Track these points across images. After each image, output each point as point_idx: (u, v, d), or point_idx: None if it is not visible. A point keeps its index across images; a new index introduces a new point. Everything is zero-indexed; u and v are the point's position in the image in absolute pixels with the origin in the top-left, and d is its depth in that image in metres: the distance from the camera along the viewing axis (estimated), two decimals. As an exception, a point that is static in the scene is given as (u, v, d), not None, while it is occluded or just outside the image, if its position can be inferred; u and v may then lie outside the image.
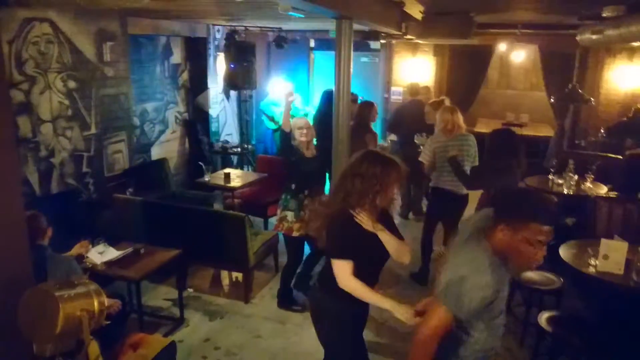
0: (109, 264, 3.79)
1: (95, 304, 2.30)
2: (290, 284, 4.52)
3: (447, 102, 6.00)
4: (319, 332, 2.72)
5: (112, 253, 3.89)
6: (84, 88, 5.16)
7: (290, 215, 4.24)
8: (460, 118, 4.76)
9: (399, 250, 2.51)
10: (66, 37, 4.90)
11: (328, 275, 2.52)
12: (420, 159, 4.85)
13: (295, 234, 4.24)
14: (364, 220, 2.45)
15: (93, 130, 5.33)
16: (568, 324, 3.47)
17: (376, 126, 6.63)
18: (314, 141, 4.38)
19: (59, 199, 4.83)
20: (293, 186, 4.25)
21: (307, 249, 4.55)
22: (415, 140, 5.52)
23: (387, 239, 2.49)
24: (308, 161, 4.23)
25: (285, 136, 4.17)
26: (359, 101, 6.15)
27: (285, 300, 4.50)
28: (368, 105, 5.71)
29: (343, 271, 2.44)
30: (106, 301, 2.36)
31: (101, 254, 3.83)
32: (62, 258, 3.14)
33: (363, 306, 2.61)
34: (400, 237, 2.58)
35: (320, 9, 3.47)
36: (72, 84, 5.01)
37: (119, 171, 5.76)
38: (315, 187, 4.30)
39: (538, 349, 3.59)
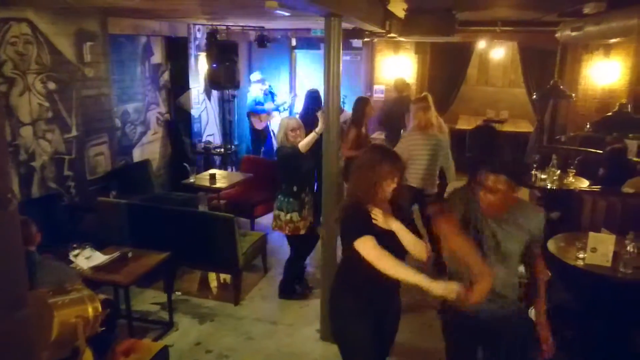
0: (97, 269, 3.71)
1: (90, 310, 2.24)
2: (294, 276, 4.66)
3: (429, 99, 6.04)
4: (332, 329, 2.77)
5: (99, 258, 3.80)
6: (64, 89, 5.05)
7: (295, 216, 4.26)
8: (433, 116, 4.81)
9: (415, 246, 2.50)
10: (45, 37, 4.78)
11: (343, 271, 2.59)
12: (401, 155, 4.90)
13: (302, 232, 4.32)
14: (378, 216, 2.46)
15: (74, 133, 5.21)
16: (557, 316, 3.52)
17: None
18: None
19: (41, 204, 4.71)
20: (295, 188, 4.26)
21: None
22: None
23: (402, 234, 2.48)
24: (306, 159, 4.26)
25: (296, 157, 4.18)
26: (341, 99, 6.12)
27: (287, 291, 4.64)
28: (362, 102, 5.71)
29: (369, 247, 2.35)
30: (100, 307, 2.31)
31: (88, 259, 3.74)
32: (55, 264, 3.06)
33: (375, 301, 2.59)
34: (416, 232, 2.59)
35: (310, 5, 3.46)
36: (52, 86, 4.89)
37: (101, 174, 5.66)
38: (312, 185, 4.45)
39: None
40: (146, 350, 3.12)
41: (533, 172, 5.61)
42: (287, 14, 3.82)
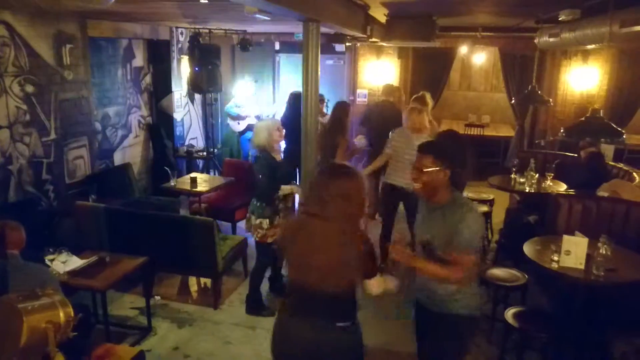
0: (73, 273, 3.67)
1: (61, 315, 2.23)
2: (259, 288, 4.47)
3: (428, 98, 6.10)
4: None
5: (75, 262, 3.77)
6: (43, 92, 5.00)
7: (265, 222, 4.20)
8: (425, 120, 4.89)
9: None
10: (23, 39, 4.74)
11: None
12: (386, 150, 4.97)
13: (269, 240, 4.22)
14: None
15: (52, 136, 5.16)
16: (533, 319, 3.58)
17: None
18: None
19: (18, 208, 4.65)
20: (259, 191, 4.25)
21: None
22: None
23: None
24: (281, 165, 4.24)
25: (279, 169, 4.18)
26: (326, 102, 6.17)
27: (255, 306, 4.46)
28: (342, 106, 5.72)
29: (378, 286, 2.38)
30: (72, 312, 2.29)
31: (64, 264, 3.70)
32: (35, 267, 3.03)
33: None
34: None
35: (287, 11, 3.47)
36: (29, 88, 4.85)
37: (81, 178, 5.61)
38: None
39: (506, 344, 3.68)
40: (122, 355, 3.09)
41: (512, 175, 5.70)
42: (267, 18, 3.82)
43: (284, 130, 4.29)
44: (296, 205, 4.47)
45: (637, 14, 3.38)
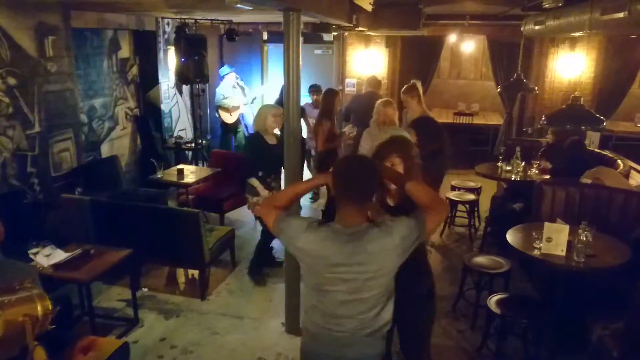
0: (57, 266, 3.67)
1: (39, 308, 2.23)
2: (263, 257, 4.93)
3: (419, 86, 6.08)
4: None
5: (59, 255, 3.76)
6: (26, 84, 4.95)
7: (260, 199, 4.46)
8: (394, 113, 4.84)
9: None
10: (3, 31, 4.68)
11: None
12: (361, 150, 4.96)
13: None
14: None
15: (37, 129, 5.12)
16: (515, 305, 3.62)
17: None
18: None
19: (2, 201, 4.62)
20: (260, 173, 4.53)
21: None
22: None
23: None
24: (272, 148, 4.56)
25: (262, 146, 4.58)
26: (308, 92, 6.19)
27: (253, 271, 4.90)
28: (330, 93, 5.81)
29: None
30: (50, 305, 2.29)
31: (47, 257, 3.70)
32: (13, 263, 3.02)
33: None
34: None
35: (269, 1, 3.46)
36: (12, 81, 4.79)
37: (67, 170, 5.57)
38: (279, 172, 4.60)
39: (488, 330, 3.72)
40: (106, 347, 3.10)
41: (499, 164, 5.73)
42: (249, 8, 3.80)
43: (281, 118, 4.45)
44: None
45: (617, 1, 3.39)
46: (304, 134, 6.41)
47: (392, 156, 2.50)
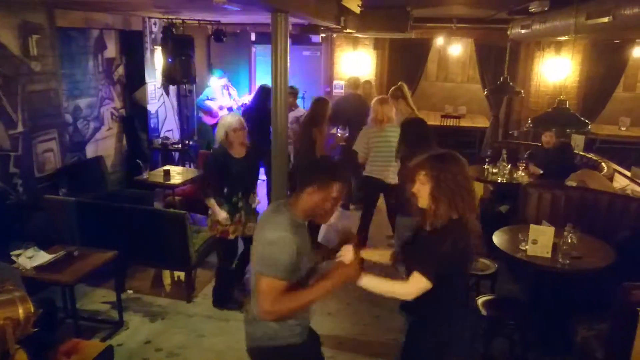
0: (40, 268, 3.61)
1: (21, 311, 2.20)
2: (225, 283, 4.41)
3: (406, 88, 6.10)
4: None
5: (43, 257, 3.70)
6: (9, 84, 4.87)
7: (222, 219, 4.10)
8: (390, 109, 4.92)
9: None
10: (-14, 30, 4.61)
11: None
12: (354, 148, 4.99)
13: (231, 236, 4.16)
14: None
15: (20, 129, 5.04)
16: (502, 307, 3.64)
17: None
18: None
19: (-16, 202, 4.56)
20: (225, 190, 4.10)
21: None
22: None
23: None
24: (237, 162, 4.08)
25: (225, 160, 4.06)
26: (299, 95, 6.16)
27: (221, 300, 4.41)
28: (321, 102, 5.65)
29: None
30: (32, 308, 2.26)
31: (30, 259, 3.64)
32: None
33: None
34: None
35: (256, 3, 3.44)
36: (-6, 80, 4.73)
37: (51, 171, 5.49)
38: (249, 188, 4.22)
39: (476, 332, 3.73)
40: (89, 350, 3.06)
41: (485, 166, 5.76)
42: (236, 8, 3.79)
43: (243, 131, 4.06)
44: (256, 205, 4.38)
45: (602, 6, 3.43)
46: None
47: (419, 174, 2.26)
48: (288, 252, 2.08)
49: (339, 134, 6.16)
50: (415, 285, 2.17)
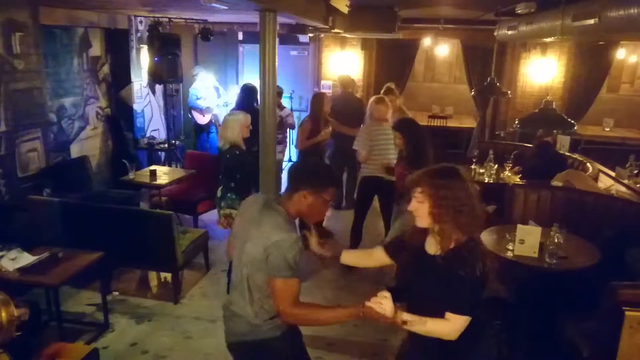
0: (23, 270, 3.55)
1: (3, 314, 2.16)
2: None
3: (393, 87, 6.15)
4: None
5: (26, 259, 3.64)
6: (-9, 82, 4.79)
7: (235, 213, 4.07)
8: (387, 109, 4.97)
9: None
10: (-32, 27, 4.52)
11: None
12: (354, 147, 4.99)
13: None
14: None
15: (3, 128, 4.95)
16: (489, 307, 3.65)
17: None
18: None
19: (-34, 203, 4.47)
20: (232, 184, 4.14)
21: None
22: None
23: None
24: (249, 160, 4.19)
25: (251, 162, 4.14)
26: (283, 95, 6.19)
27: None
28: (316, 97, 5.77)
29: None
30: (16, 311, 2.22)
31: (13, 261, 3.58)
32: None
33: None
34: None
35: (244, 1, 3.42)
36: (-24, 78, 4.64)
37: (35, 171, 5.40)
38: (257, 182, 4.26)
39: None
40: (74, 353, 3.01)
41: (472, 166, 5.79)
42: (224, 7, 3.76)
43: (249, 127, 4.19)
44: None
45: (588, 7, 3.46)
46: None
47: (415, 190, 2.07)
48: (296, 251, 2.12)
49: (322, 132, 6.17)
50: (454, 325, 2.05)
